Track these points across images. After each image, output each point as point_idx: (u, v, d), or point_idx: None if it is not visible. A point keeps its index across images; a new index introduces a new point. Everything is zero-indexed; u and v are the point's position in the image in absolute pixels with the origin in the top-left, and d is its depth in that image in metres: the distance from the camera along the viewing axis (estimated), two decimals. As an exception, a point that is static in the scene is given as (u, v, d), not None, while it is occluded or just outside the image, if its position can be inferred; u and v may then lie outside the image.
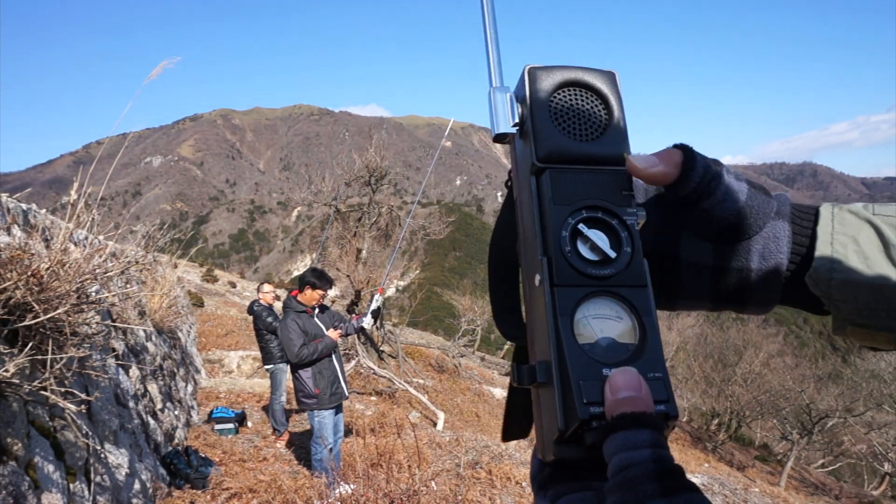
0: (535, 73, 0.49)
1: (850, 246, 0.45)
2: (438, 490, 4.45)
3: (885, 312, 0.44)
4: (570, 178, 0.47)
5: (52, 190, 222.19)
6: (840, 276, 0.45)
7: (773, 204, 0.49)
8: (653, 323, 0.44)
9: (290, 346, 4.35)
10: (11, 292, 2.17)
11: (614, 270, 0.45)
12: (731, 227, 0.48)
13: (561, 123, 0.48)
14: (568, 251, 0.45)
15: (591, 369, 0.41)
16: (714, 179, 0.47)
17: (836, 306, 0.46)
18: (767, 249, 0.48)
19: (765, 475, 16.86)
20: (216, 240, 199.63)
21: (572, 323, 0.43)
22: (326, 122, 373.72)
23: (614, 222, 0.46)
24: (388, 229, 12.47)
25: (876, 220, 0.45)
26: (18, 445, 2.16)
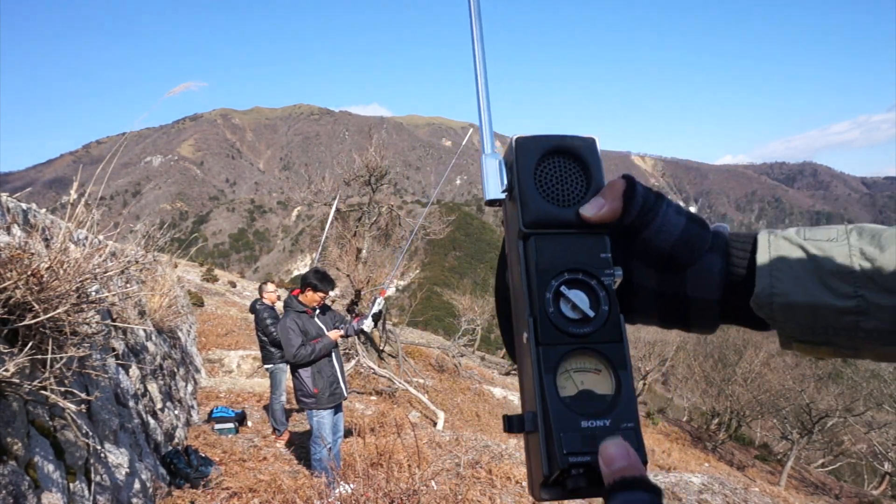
0: (522, 143, 0.54)
1: (787, 271, 0.48)
2: (438, 490, 4.45)
3: (823, 329, 0.48)
4: (554, 243, 0.52)
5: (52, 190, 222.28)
6: (779, 300, 0.48)
7: (709, 238, 0.53)
8: (627, 376, 0.49)
9: (288, 345, 4.35)
10: (11, 292, 2.17)
11: (593, 328, 0.50)
12: (667, 257, 0.52)
13: (545, 191, 0.53)
14: (551, 312, 0.50)
15: (570, 422, 0.47)
16: (651, 211, 0.52)
17: (780, 326, 0.50)
18: (700, 281, 0.52)
19: (765, 475, 16.86)
20: (216, 239, 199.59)
21: (555, 378, 0.48)
22: (326, 121, 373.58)
23: (593, 283, 0.51)
24: (388, 229, 12.47)
25: (807, 244, 0.49)
26: (18, 445, 2.16)
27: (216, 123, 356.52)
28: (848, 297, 0.46)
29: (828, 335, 0.48)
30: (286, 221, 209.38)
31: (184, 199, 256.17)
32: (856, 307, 0.46)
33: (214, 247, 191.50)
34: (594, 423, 0.47)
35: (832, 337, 0.48)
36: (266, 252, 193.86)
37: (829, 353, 0.50)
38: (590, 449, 0.46)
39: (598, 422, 0.47)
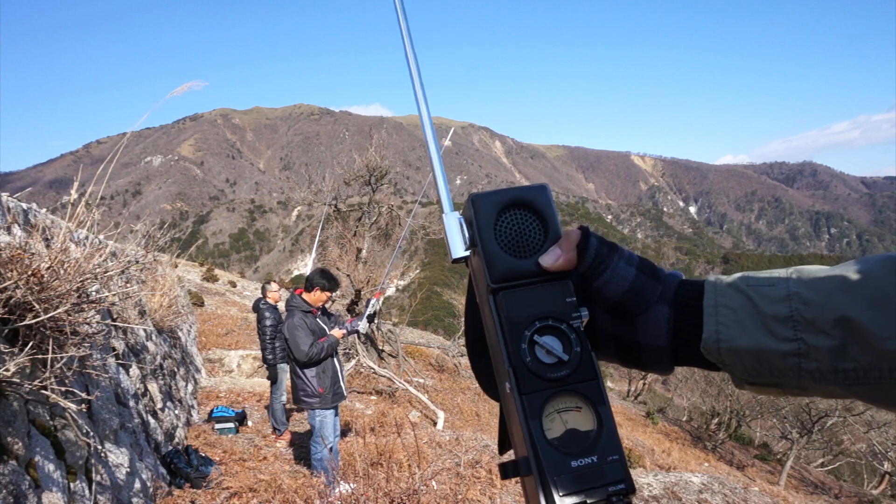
0: (478, 201, 0.56)
1: (730, 316, 0.51)
2: (438, 489, 4.45)
3: (769, 372, 0.50)
4: (522, 295, 0.55)
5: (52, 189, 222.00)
6: (725, 346, 0.51)
7: (658, 289, 0.55)
8: (606, 411, 0.52)
9: (300, 345, 4.33)
10: (12, 292, 2.17)
11: (569, 370, 0.52)
12: (617, 305, 0.55)
13: (506, 244, 0.56)
14: (529, 361, 0.52)
15: (561, 464, 0.49)
16: (602, 263, 0.55)
17: (729, 370, 0.52)
18: (649, 329, 0.55)
19: (764, 474, 16.86)
20: (216, 239, 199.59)
21: (542, 422, 0.51)
22: (326, 121, 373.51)
23: (563, 326, 0.54)
24: (388, 229, 12.46)
25: (749, 291, 0.51)
26: (19, 444, 2.16)
27: (216, 123, 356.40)
28: (788, 341, 0.48)
29: (773, 377, 0.50)
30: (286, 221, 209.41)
31: (184, 199, 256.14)
32: (796, 350, 0.48)
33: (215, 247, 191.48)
34: (583, 461, 0.50)
35: (778, 378, 0.50)
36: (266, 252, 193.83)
37: (778, 392, 0.53)
38: (583, 487, 0.49)
39: (586, 459, 0.50)
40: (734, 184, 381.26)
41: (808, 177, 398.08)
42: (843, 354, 0.47)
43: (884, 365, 0.45)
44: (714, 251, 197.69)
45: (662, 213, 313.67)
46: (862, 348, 0.46)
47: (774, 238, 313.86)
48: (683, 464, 13.35)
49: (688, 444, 18.07)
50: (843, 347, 0.46)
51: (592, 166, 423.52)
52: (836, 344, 0.47)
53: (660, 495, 5.99)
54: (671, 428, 20.23)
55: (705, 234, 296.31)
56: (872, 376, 0.46)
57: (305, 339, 4.34)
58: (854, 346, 0.46)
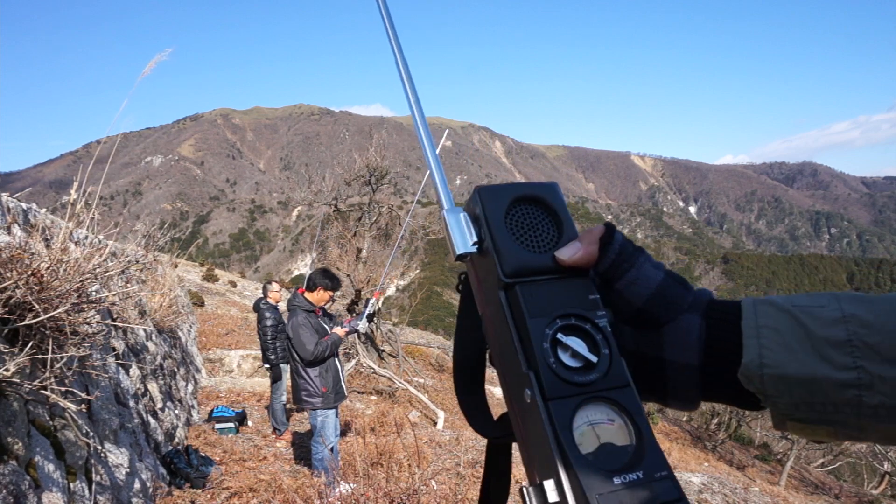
0: (488, 194, 0.52)
1: (775, 338, 0.44)
2: (438, 489, 4.45)
3: (822, 406, 0.43)
4: (540, 290, 0.48)
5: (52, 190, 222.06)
6: (771, 372, 0.44)
7: (689, 297, 0.49)
8: (644, 421, 0.45)
9: (305, 344, 4.34)
10: (12, 291, 2.17)
11: (598, 374, 0.45)
12: (641, 311, 0.49)
13: (520, 239, 0.50)
14: (552, 362, 0.45)
15: (603, 482, 0.41)
16: (627, 261, 0.49)
17: (773, 403, 0.45)
18: (677, 341, 0.48)
19: (765, 474, 16.87)
20: (216, 239, 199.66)
21: (573, 436, 0.43)
22: (327, 121, 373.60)
23: (587, 326, 0.47)
24: (388, 229, 12.47)
25: (795, 311, 0.45)
26: (19, 445, 2.16)
27: (216, 123, 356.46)
28: (847, 369, 0.42)
29: (827, 412, 0.43)
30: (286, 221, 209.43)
31: (184, 199, 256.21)
32: (857, 380, 0.41)
33: (215, 246, 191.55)
34: (627, 477, 0.41)
35: (832, 414, 0.43)
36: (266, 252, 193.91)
37: (828, 434, 0.45)
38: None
39: (630, 475, 0.41)
40: (734, 184, 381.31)
41: (808, 177, 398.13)
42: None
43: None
44: (714, 251, 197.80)
45: (662, 213, 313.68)
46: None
47: (774, 238, 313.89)
48: (683, 464, 13.36)
49: (688, 444, 18.08)
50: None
51: (592, 166, 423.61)
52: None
53: (660, 495, 5.98)
54: (671, 428, 20.24)
55: (705, 234, 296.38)
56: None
57: (311, 337, 4.35)
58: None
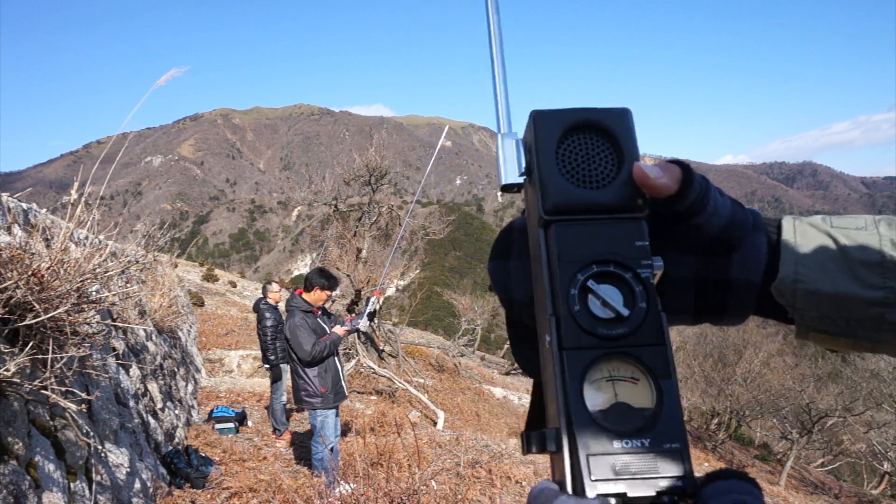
0: (541, 119, 0.47)
1: (812, 258, 0.47)
2: (438, 489, 4.46)
3: (846, 321, 0.46)
4: (580, 231, 0.45)
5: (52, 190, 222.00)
6: (803, 287, 0.46)
7: (751, 218, 0.51)
8: (670, 386, 0.41)
9: (303, 344, 4.34)
10: (12, 292, 2.17)
11: (628, 329, 0.42)
12: (717, 240, 0.49)
13: (569, 172, 0.46)
14: (577, 310, 0.42)
15: (601, 442, 0.39)
16: (706, 196, 0.49)
17: (800, 315, 0.48)
18: (747, 261, 0.50)
19: (765, 474, 16.86)
20: (216, 239, 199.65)
21: (582, 389, 0.41)
22: (326, 121, 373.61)
23: (628, 276, 0.43)
24: (388, 229, 12.47)
25: (834, 232, 0.47)
26: (19, 444, 2.17)
27: (216, 123, 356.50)
28: (876, 288, 0.45)
29: (850, 326, 0.47)
30: (286, 221, 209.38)
31: (184, 199, 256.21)
32: (883, 298, 0.44)
33: (215, 247, 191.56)
34: (630, 442, 0.39)
35: (855, 329, 0.46)
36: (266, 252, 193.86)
37: (847, 344, 0.49)
38: (626, 475, 0.38)
39: (636, 441, 0.39)
40: (734, 184, 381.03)
41: (808, 177, 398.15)
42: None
43: None
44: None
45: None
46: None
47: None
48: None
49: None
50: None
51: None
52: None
53: (660, 495, 5.98)
54: (671, 428, 20.21)
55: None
56: None
57: (308, 338, 4.35)
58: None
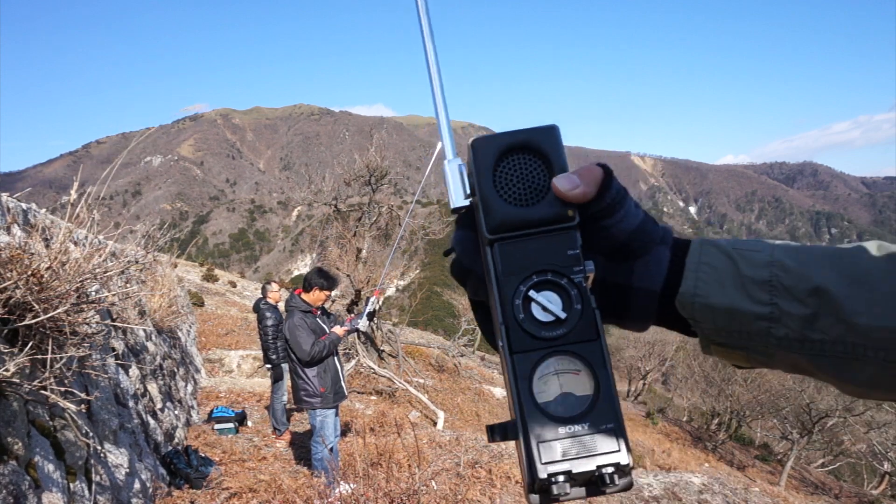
0: (477, 146, 0.53)
1: (711, 275, 0.51)
2: (438, 489, 4.45)
3: (738, 334, 0.50)
4: (519, 246, 0.51)
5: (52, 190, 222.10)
6: (700, 301, 0.51)
7: (660, 232, 0.55)
8: (605, 375, 0.48)
9: (302, 344, 4.33)
10: (11, 292, 2.17)
11: (566, 329, 0.49)
12: (622, 245, 0.54)
13: (505, 192, 0.51)
14: (521, 318, 0.49)
15: (548, 430, 0.46)
16: (620, 202, 0.53)
17: (699, 327, 0.52)
18: (648, 270, 0.54)
19: (765, 475, 16.86)
20: (216, 239, 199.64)
21: (531, 386, 0.48)
22: (326, 121, 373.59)
23: (563, 282, 0.50)
24: (388, 229, 12.46)
25: (734, 253, 0.51)
26: (19, 445, 2.16)
27: (216, 123, 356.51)
28: (763, 304, 0.49)
29: (742, 339, 0.51)
30: (286, 221, 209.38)
31: (184, 199, 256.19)
32: (769, 314, 0.49)
33: (214, 247, 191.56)
34: (573, 428, 0.46)
35: (746, 341, 0.51)
36: (266, 252, 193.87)
37: (742, 358, 0.53)
38: (569, 456, 0.46)
39: (576, 426, 0.47)
40: (734, 184, 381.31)
41: (808, 177, 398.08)
42: (813, 324, 0.48)
43: (849, 339, 0.47)
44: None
45: (662, 213, 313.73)
46: (832, 321, 0.47)
47: (775, 238, 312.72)
48: (683, 464, 13.36)
49: (688, 445, 18.08)
50: (815, 317, 0.47)
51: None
52: (808, 313, 0.48)
53: (660, 496, 5.98)
54: (671, 428, 20.25)
55: (705, 235, 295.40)
56: (837, 350, 0.47)
57: (307, 338, 4.34)
58: (825, 317, 0.47)
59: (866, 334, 0.46)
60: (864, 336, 0.46)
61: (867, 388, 0.49)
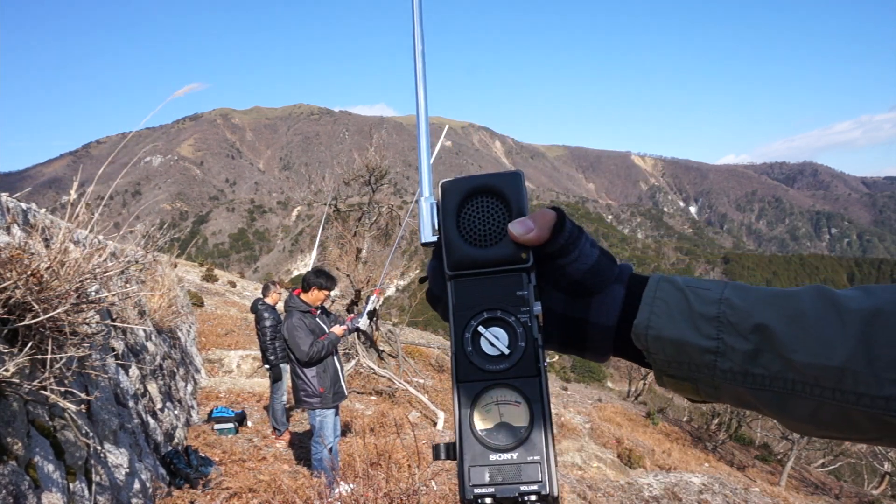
0: (446, 188, 0.57)
1: (664, 308, 0.54)
2: (438, 489, 4.45)
3: (687, 365, 0.53)
4: (473, 285, 0.55)
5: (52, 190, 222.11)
6: (653, 333, 0.54)
7: (616, 270, 0.58)
8: (540, 409, 0.51)
9: (300, 344, 4.33)
10: (11, 292, 2.16)
11: (510, 364, 0.53)
12: (578, 283, 0.57)
13: (467, 233, 0.56)
14: (469, 350, 0.53)
15: (480, 456, 0.51)
16: (573, 243, 0.57)
17: (652, 359, 0.55)
18: (604, 306, 0.57)
19: (765, 475, 16.86)
20: (216, 239, 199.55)
21: (471, 414, 0.52)
22: (326, 121, 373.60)
23: (511, 320, 0.54)
24: (388, 229, 12.46)
25: (686, 290, 0.54)
26: (19, 445, 2.16)
27: (216, 123, 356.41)
28: (710, 338, 0.52)
29: (691, 371, 0.53)
30: (286, 221, 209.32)
31: (184, 199, 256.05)
32: (715, 347, 0.51)
33: (214, 247, 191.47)
34: (502, 456, 0.50)
35: (695, 373, 0.53)
36: (266, 252, 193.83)
37: (692, 390, 0.55)
38: (495, 482, 0.49)
39: (505, 455, 0.50)
40: (734, 184, 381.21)
41: (808, 177, 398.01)
42: (755, 359, 0.50)
43: (789, 376, 0.49)
44: (714, 251, 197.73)
45: (663, 213, 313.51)
46: (772, 357, 0.50)
47: (775, 238, 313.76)
48: (684, 464, 13.35)
49: (688, 445, 18.08)
50: (757, 353, 0.50)
51: (592, 166, 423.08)
52: (751, 348, 0.50)
53: (660, 495, 5.98)
54: (671, 428, 20.24)
55: (706, 235, 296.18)
56: (777, 385, 0.50)
57: (305, 338, 4.34)
58: (766, 353, 0.50)
59: (802, 371, 0.48)
60: (800, 373, 0.49)
61: (806, 424, 0.51)
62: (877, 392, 0.46)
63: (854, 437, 0.51)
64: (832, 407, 0.48)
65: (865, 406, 0.46)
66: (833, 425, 0.50)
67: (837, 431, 0.50)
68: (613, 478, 7.41)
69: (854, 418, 0.48)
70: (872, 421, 0.47)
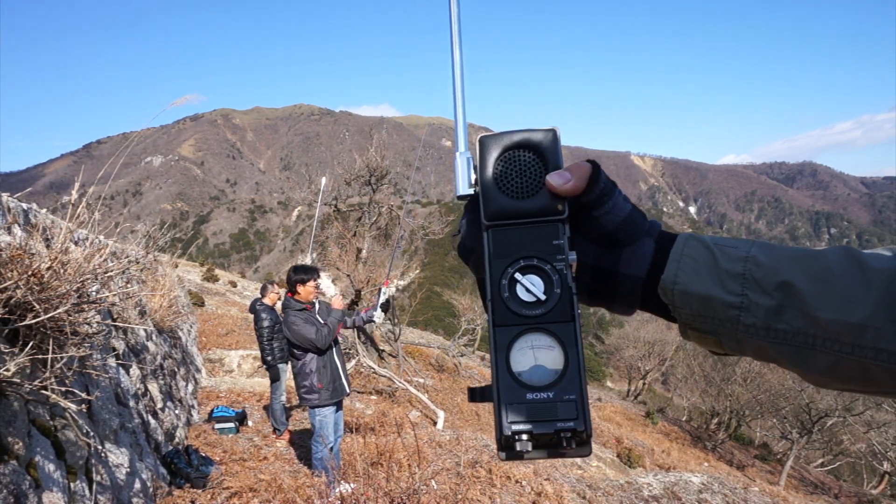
0: (484, 142, 0.60)
1: (691, 265, 0.56)
2: (438, 489, 4.46)
3: (711, 320, 0.55)
4: (510, 234, 0.58)
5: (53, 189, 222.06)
6: (679, 287, 0.56)
7: (647, 225, 0.60)
8: (575, 353, 0.53)
9: (306, 335, 4.34)
10: (12, 292, 2.17)
11: (545, 310, 0.55)
12: (610, 234, 0.59)
13: (504, 185, 0.58)
14: (506, 296, 0.55)
15: (517, 395, 0.52)
16: (608, 194, 0.58)
17: (678, 313, 0.57)
18: (634, 258, 0.59)
19: (764, 474, 16.87)
20: (217, 239, 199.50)
21: (508, 356, 0.54)
22: (327, 121, 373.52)
23: (547, 268, 0.56)
24: (388, 229, 12.47)
25: (714, 248, 0.56)
26: (19, 444, 2.17)
27: (216, 123, 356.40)
28: (734, 294, 0.54)
29: (714, 325, 0.55)
30: (287, 221, 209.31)
31: (184, 199, 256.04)
32: (739, 303, 0.53)
33: (215, 247, 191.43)
34: (538, 395, 0.52)
35: (718, 327, 0.55)
36: (266, 252, 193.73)
37: (715, 343, 0.58)
38: (532, 419, 0.51)
39: (542, 394, 0.52)
40: (734, 184, 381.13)
41: (807, 177, 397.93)
42: (778, 315, 0.52)
43: (810, 331, 0.51)
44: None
45: (662, 213, 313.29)
46: (796, 313, 0.51)
47: (774, 238, 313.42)
48: (683, 464, 13.36)
49: (688, 444, 18.08)
50: (780, 309, 0.52)
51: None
52: (774, 304, 0.52)
53: (660, 495, 5.99)
54: (671, 428, 20.24)
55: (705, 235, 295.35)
56: (798, 340, 0.52)
57: (308, 328, 4.36)
58: (790, 310, 0.52)
59: (825, 327, 0.50)
60: (822, 328, 0.50)
61: (825, 377, 0.53)
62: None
63: (871, 391, 0.52)
64: (851, 361, 0.50)
65: (883, 361, 0.48)
66: (852, 379, 0.51)
67: (856, 385, 0.52)
68: (613, 477, 7.41)
69: (872, 372, 0.49)
70: (890, 375, 0.49)
